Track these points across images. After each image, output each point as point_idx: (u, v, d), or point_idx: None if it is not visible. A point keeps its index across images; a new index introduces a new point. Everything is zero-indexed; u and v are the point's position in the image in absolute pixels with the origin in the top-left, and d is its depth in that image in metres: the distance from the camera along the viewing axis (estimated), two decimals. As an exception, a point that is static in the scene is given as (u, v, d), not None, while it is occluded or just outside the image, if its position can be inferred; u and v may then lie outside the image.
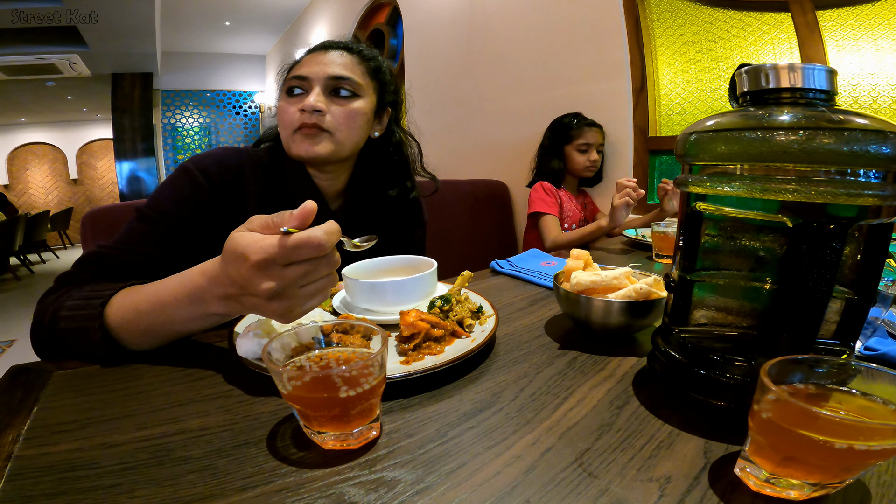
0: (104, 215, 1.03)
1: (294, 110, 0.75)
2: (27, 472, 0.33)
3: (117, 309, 0.51)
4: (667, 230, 1.05)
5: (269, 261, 0.40)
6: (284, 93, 0.78)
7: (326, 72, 0.75)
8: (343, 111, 0.77)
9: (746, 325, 0.40)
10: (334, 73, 0.76)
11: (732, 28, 1.57)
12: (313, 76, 0.75)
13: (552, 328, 0.62)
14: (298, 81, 0.76)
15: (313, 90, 0.75)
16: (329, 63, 0.76)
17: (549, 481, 0.32)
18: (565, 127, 1.78)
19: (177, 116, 7.08)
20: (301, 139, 0.75)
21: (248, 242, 0.41)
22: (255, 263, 0.40)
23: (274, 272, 0.41)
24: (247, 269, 0.41)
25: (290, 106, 0.76)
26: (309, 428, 0.36)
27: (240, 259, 0.41)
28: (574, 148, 1.76)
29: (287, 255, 0.40)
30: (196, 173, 0.71)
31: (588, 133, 1.75)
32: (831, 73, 0.35)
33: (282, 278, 0.41)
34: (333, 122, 0.76)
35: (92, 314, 0.50)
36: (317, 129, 0.74)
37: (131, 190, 6.42)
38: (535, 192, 1.76)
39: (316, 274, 0.43)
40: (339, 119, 0.76)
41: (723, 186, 0.36)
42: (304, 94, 0.76)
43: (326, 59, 0.76)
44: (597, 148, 1.76)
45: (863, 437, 0.26)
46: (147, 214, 0.66)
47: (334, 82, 0.76)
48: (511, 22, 2.24)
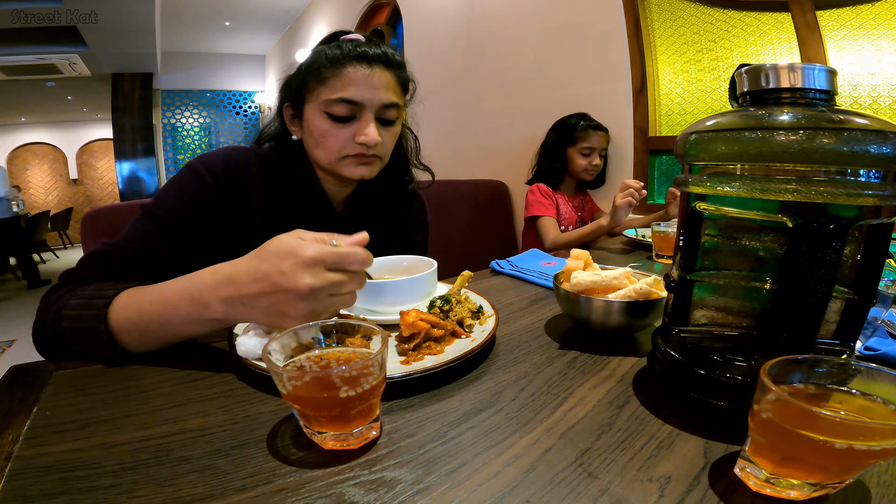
0: (104, 215, 1.02)
1: (345, 137, 0.73)
2: (27, 472, 0.33)
3: (120, 309, 0.50)
4: (667, 230, 1.05)
5: (319, 260, 0.44)
6: (326, 114, 0.73)
7: (379, 99, 0.73)
8: (390, 137, 0.78)
9: (746, 325, 0.40)
10: (386, 101, 0.74)
11: (732, 28, 1.57)
12: (366, 103, 0.72)
13: (552, 328, 0.62)
14: (349, 107, 0.72)
15: (365, 117, 0.73)
16: (378, 87, 0.73)
17: (549, 481, 0.32)
18: (570, 128, 1.74)
19: (177, 116, 7.08)
20: (355, 165, 0.75)
21: (300, 243, 0.45)
22: (305, 259, 0.44)
23: (318, 272, 0.44)
24: (292, 265, 0.44)
25: (339, 132, 0.73)
26: (309, 428, 0.36)
27: (288, 255, 0.44)
28: (577, 150, 1.72)
29: (339, 260, 0.45)
30: (203, 172, 0.71)
31: (593, 137, 1.70)
32: (831, 73, 0.35)
33: (323, 279, 0.45)
34: (383, 149, 0.77)
35: (96, 315, 0.50)
36: (373, 157, 0.75)
37: (131, 190, 6.42)
38: (531, 194, 1.75)
39: (348, 287, 0.47)
40: (388, 145, 0.78)
41: (723, 186, 0.36)
42: (353, 120, 0.73)
43: (374, 80, 0.72)
44: (600, 152, 1.72)
45: (863, 437, 0.26)
46: (153, 213, 0.66)
47: (385, 111, 0.75)
48: (511, 22, 2.24)
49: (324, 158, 0.76)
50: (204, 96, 7.17)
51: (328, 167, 0.77)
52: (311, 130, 0.75)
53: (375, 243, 0.73)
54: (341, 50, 0.72)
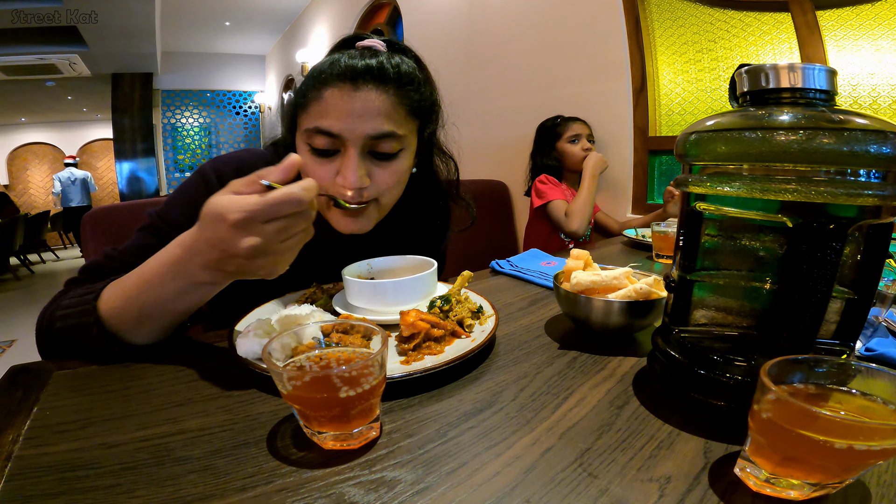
0: (104, 215, 1.02)
1: (327, 175, 0.60)
2: (27, 472, 0.33)
3: (107, 300, 0.50)
4: (667, 230, 1.05)
5: (250, 218, 0.40)
6: (307, 145, 0.61)
7: (364, 130, 0.58)
8: (389, 175, 0.62)
9: (746, 325, 0.40)
10: (375, 132, 0.59)
11: (732, 28, 1.57)
12: (347, 135, 0.58)
13: (552, 328, 0.62)
14: (326, 139, 0.59)
15: (348, 153, 0.59)
16: (364, 114, 0.58)
17: (549, 481, 0.32)
18: (550, 127, 1.84)
19: (177, 116, 7.09)
20: (340, 216, 0.63)
21: (225, 203, 0.41)
22: (233, 223, 0.40)
23: (255, 228, 0.41)
24: (225, 230, 0.41)
25: (319, 168, 0.60)
26: (309, 428, 0.36)
27: (217, 220, 0.41)
28: (565, 141, 1.79)
29: (268, 211, 0.41)
30: (212, 179, 0.66)
31: (573, 125, 1.79)
32: (831, 73, 0.35)
33: (263, 233, 0.41)
34: (377, 190, 0.62)
35: (86, 310, 0.50)
36: (362, 205, 0.61)
37: (131, 190, 6.43)
38: (539, 184, 1.77)
39: (294, 228, 0.43)
40: (383, 185, 0.62)
41: (723, 186, 0.36)
42: (334, 154, 0.61)
43: (358, 105, 0.57)
44: (587, 138, 1.79)
45: (863, 437, 0.26)
46: (157, 225, 0.63)
47: (377, 143, 0.60)
48: (511, 22, 2.24)
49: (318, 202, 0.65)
50: (204, 96, 7.18)
51: (322, 212, 0.65)
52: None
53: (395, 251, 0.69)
54: (330, 64, 0.60)
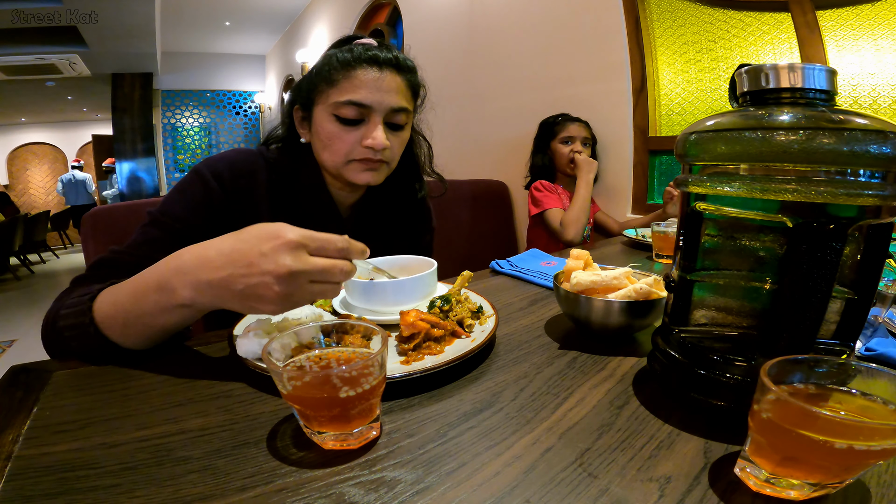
0: (104, 215, 1.02)
1: (352, 140, 0.73)
2: (27, 472, 0.33)
3: (100, 303, 0.51)
4: (667, 230, 1.05)
5: (302, 244, 0.43)
6: (334, 116, 0.73)
7: (389, 103, 0.73)
8: (398, 142, 0.77)
9: (746, 325, 0.40)
10: (396, 105, 0.73)
11: (732, 28, 1.57)
12: (375, 106, 0.72)
13: (552, 328, 0.62)
14: (357, 109, 0.72)
15: (373, 121, 0.73)
16: (388, 91, 0.73)
17: (549, 481, 0.32)
18: (550, 124, 1.84)
19: (177, 116, 7.08)
20: (361, 169, 0.75)
21: (286, 226, 0.44)
22: (287, 241, 0.42)
23: (300, 255, 0.43)
24: (273, 246, 0.42)
25: (346, 134, 0.73)
26: (309, 428, 0.36)
27: (270, 237, 0.43)
28: (558, 141, 1.80)
29: (322, 244, 0.44)
30: (209, 178, 0.70)
31: (571, 126, 1.79)
32: (831, 73, 0.35)
33: (305, 263, 0.43)
34: (391, 154, 0.76)
35: (82, 311, 0.50)
36: (380, 162, 0.75)
37: (131, 190, 6.42)
38: (535, 191, 1.78)
39: (330, 276, 0.45)
40: (396, 150, 0.77)
41: (723, 186, 0.36)
42: (361, 123, 0.73)
43: (384, 84, 0.72)
44: (582, 141, 1.78)
45: (863, 437, 0.26)
46: (159, 220, 0.66)
47: (394, 115, 0.74)
48: (511, 22, 2.23)
49: (330, 162, 0.75)
50: (204, 96, 7.17)
51: (334, 171, 0.76)
52: (319, 133, 0.75)
53: (381, 247, 0.73)
54: (352, 53, 0.72)
